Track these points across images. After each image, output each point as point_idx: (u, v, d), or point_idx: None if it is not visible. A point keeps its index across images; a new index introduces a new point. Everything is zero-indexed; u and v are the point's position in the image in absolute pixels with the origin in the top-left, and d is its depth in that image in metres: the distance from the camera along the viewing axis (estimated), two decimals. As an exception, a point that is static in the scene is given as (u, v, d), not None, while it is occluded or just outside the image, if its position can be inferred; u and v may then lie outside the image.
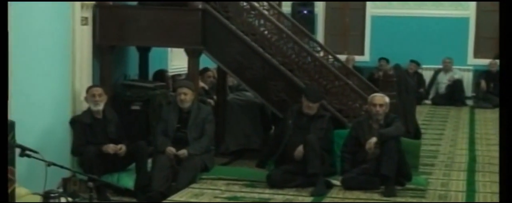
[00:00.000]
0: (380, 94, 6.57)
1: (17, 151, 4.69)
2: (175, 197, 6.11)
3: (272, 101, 7.27)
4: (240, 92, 8.66)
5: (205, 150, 6.76)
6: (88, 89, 6.70)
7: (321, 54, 8.03)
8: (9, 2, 4.98)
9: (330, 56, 7.96)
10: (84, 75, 7.08)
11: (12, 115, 5.30)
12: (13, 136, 4.42)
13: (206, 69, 8.97)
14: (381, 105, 6.36)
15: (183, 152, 6.57)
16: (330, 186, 6.34)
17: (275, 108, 7.33)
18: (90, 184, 5.10)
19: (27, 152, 4.93)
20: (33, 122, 6.18)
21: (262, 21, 7.46)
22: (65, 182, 6.50)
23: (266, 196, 6.11)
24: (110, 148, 6.47)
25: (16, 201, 4.80)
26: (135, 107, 7.58)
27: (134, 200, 6.29)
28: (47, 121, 6.51)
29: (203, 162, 6.70)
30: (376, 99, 6.42)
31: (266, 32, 7.43)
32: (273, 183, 6.35)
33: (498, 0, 4.30)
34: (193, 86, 6.96)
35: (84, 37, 7.07)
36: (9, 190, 4.36)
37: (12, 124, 4.44)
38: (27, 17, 6.08)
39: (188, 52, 7.28)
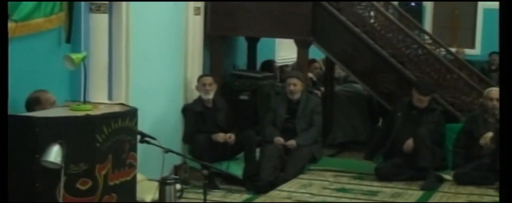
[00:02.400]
0: (497, 88, 6.38)
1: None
2: (284, 187, 6.16)
3: (381, 93, 7.20)
4: (348, 83, 8.62)
5: (314, 141, 6.77)
6: (199, 78, 6.83)
7: (432, 46, 7.86)
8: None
9: (441, 49, 7.79)
10: (195, 65, 7.22)
11: (130, 102, 5.48)
12: (136, 123, 4.56)
13: (313, 60, 8.97)
14: (497, 99, 6.19)
15: (292, 142, 6.60)
16: (441, 180, 6.24)
17: (384, 100, 7.25)
18: (205, 171, 5.20)
19: (146, 138, 5.09)
20: (148, 109, 6.35)
21: (372, 13, 7.39)
22: (177, 169, 6.67)
23: (375, 188, 6.07)
24: (220, 136, 6.58)
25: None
26: (243, 97, 7.68)
27: (243, 188, 6.37)
28: (161, 109, 6.69)
29: (311, 153, 6.72)
30: (492, 93, 6.24)
31: (376, 24, 7.35)
32: (382, 176, 6.30)
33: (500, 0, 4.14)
34: (303, 77, 6.98)
35: (196, 27, 7.21)
36: (131, 176, 4.50)
37: (135, 111, 4.58)
38: (146, 6, 6.26)
39: (298, 43, 7.30)
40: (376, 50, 7.15)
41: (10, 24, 4.03)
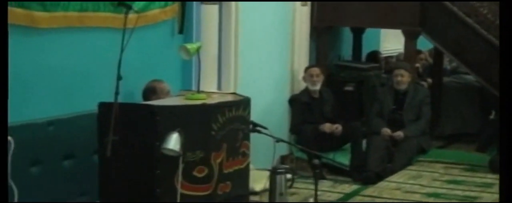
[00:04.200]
0: None
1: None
2: (392, 178, 6.10)
3: (495, 85, 6.98)
4: (457, 75, 8.41)
5: (421, 132, 6.66)
6: (307, 69, 6.84)
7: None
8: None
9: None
10: (301, 56, 7.23)
11: (238, 92, 5.54)
12: (249, 112, 4.62)
13: (418, 51, 8.80)
14: None
15: (399, 133, 6.52)
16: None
17: (498, 92, 7.03)
18: (316, 161, 5.22)
19: (258, 128, 5.15)
20: (255, 100, 6.42)
21: (484, 3, 7.17)
22: (283, 159, 6.71)
23: (489, 181, 5.91)
24: (327, 127, 6.57)
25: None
26: (348, 88, 7.63)
27: (349, 179, 6.35)
28: (268, 99, 6.74)
29: (419, 144, 6.62)
30: None
31: (489, 15, 7.13)
32: (496, 168, 6.12)
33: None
34: (410, 68, 6.88)
35: (303, 18, 7.21)
36: (244, 164, 4.56)
37: (248, 100, 4.64)
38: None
39: (405, 34, 7.18)
40: (490, 41, 6.93)
41: (132, 16, 4.15)
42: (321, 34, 7.49)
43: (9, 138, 4.11)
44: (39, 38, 4.42)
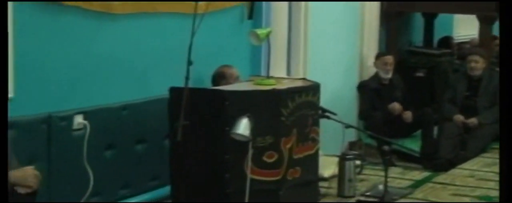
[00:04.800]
0: None
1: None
2: (465, 165, 5.98)
3: None
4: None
5: (496, 119, 6.48)
6: (380, 56, 6.72)
7: None
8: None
9: None
10: (371, 41, 7.14)
11: (307, 77, 5.51)
12: (318, 98, 4.59)
13: (494, 37, 8.57)
14: None
15: (473, 120, 6.39)
16: None
17: None
18: (386, 147, 5.16)
19: (327, 113, 5.12)
20: (324, 85, 6.38)
21: None
22: (351, 145, 6.66)
23: None
24: (396, 107, 6.46)
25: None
26: (419, 74, 7.51)
27: (419, 166, 6.26)
28: (337, 84, 6.69)
29: (494, 132, 6.44)
30: None
31: None
32: None
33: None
34: (485, 54, 6.70)
35: (372, 3, 7.11)
36: (314, 150, 4.54)
37: (318, 86, 4.62)
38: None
39: (481, 19, 7.00)
40: None
41: (202, 1, 4.17)
42: (392, 19, 7.38)
43: (85, 122, 4.23)
44: (113, 23, 4.50)
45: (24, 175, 3.31)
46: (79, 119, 4.21)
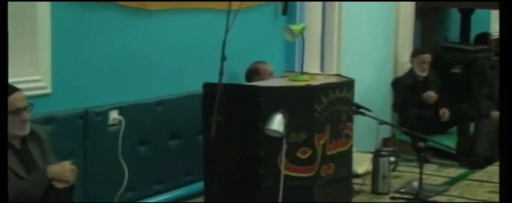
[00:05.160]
0: None
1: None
2: (503, 163, 5.90)
3: None
4: None
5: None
6: (417, 54, 6.62)
7: None
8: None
9: None
10: (406, 37, 7.08)
11: (341, 73, 5.49)
12: (352, 94, 4.57)
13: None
14: None
15: (510, 117, 6.30)
16: None
17: None
18: (421, 144, 5.12)
19: (361, 110, 5.10)
20: (357, 81, 6.35)
21: None
22: (385, 142, 6.62)
23: None
24: (431, 95, 6.38)
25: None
26: (455, 70, 7.43)
27: (455, 163, 6.19)
28: (370, 80, 6.65)
29: (532, 129, 6.37)
30: None
31: None
32: None
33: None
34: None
35: (408, -2, 7.07)
36: (347, 146, 4.52)
37: (352, 82, 4.59)
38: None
39: (519, 14, 6.89)
40: None
41: (236, -1, 4.19)
42: (427, 15, 7.31)
43: (120, 117, 4.27)
44: (149, 19, 4.53)
45: (62, 170, 3.35)
46: (114, 115, 4.26)
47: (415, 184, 5.05)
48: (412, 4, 7.13)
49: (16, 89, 3.42)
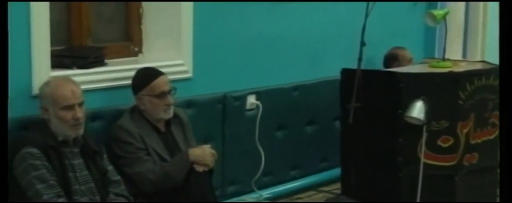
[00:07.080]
0: None
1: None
2: None
3: None
4: None
5: None
6: None
7: None
8: None
9: None
10: None
11: (489, 60, 5.24)
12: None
13: None
14: None
15: None
16: None
17: None
18: None
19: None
20: (502, 69, 6.09)
21: None
22: None
23: None
24: None
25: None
26: None
27: None
28: None
29: None
30: None
31: None
32: None
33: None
34: None
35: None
36: (494, 136, 4.31)
37: (498, 69, 4.37)
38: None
39: None
40: None
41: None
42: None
43: (258, 102, 4.29)
44: (286, 5, 4.52)
45: (203, 154, 3.41)
46: (252, 99, 4.29)
47: None
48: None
49: (160, 73, 3.51)
